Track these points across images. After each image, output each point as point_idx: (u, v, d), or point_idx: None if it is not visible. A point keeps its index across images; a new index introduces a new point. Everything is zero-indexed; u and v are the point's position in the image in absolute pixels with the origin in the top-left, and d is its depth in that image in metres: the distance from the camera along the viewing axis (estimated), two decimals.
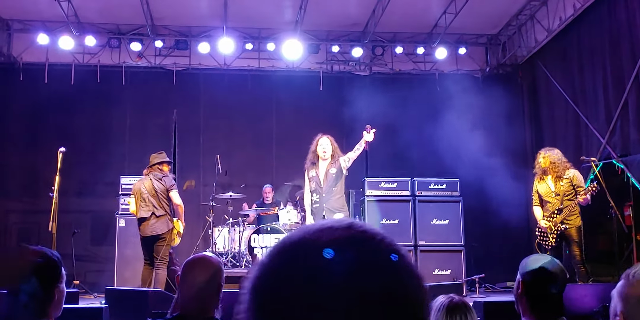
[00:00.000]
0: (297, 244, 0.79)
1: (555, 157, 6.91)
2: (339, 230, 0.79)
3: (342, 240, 0.77)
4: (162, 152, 7.52)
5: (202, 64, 11.26)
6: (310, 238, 0.78)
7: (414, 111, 10.59)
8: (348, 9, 10.41)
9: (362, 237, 0.78)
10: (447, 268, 8.82)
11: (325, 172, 6.90)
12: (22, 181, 10.25)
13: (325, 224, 0.81)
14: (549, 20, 10.16)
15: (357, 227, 0.80)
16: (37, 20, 10.64)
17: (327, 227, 0.80)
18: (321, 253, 0.75)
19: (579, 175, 6.86)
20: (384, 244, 0.79)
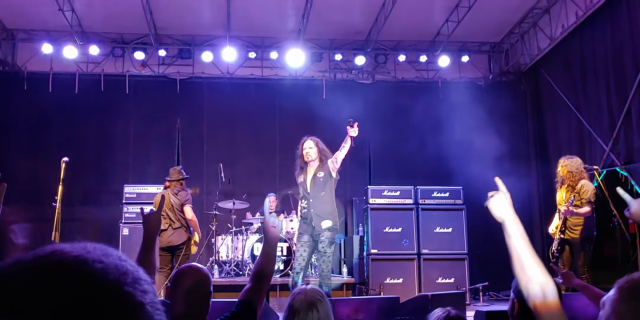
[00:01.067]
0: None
1: (573, 166, 6.92)
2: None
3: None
4: (180, 166, 7.94)
5: (205, 72, 11.30)
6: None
7: (417, 119, 10.59)
8: (351, 18, 10.44)
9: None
10: (450, 276, 8.80)
11: (313, 176, 6.65)
12: (26, 189, 10.25)
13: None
14: (551, 28, 10.16)
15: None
16: (42, 30, 10.71)
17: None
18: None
19: (586, 186, 6.81)
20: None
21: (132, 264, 0.75)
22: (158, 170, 10.84)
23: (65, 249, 0.72)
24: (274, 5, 10.03)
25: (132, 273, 0.72)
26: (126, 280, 0.70)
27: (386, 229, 8.93)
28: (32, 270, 0.67)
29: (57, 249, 0.71)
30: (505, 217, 2.26)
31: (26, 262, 0.69)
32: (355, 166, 11.25)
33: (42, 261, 0.69)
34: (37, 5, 9.64)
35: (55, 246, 0.72)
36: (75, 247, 0.72)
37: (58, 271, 0.67)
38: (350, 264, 9.66)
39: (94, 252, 0.72)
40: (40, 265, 0.68)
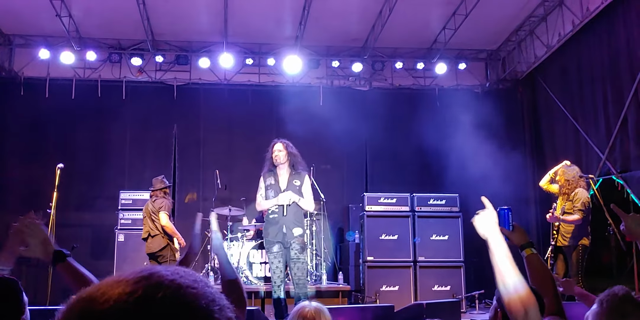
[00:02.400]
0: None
1: (570, 174, 7.00)
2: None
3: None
4: (163, 175, 8.10)
5: (202, 78, 11.30)
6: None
7: (413, 126, 10.60)
8: (348, 25, 10.46)
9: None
10: (446, 284, 8.78)
11: (288, 182, 6.55)
12: (21, 195, 10.23)
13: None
14: (548, 36, 10.19)
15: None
16: (39, 36, 10.70)
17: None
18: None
19: (579, 194, 6.86)
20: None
21: (216, 290, 0.80)
22: (154, 176, 10.74)
23: (162, 271, 0.77)
24: (272, 11, 10.04)
25: (219, 300, 0.78)
26: (214, 307, 0.76)
27: (382, 236, 8.92)
28: (135, 293, 0.73)
29: (154, 272, 0.77)
30: (489, 235, 2.28)
31: (128, 283, 0.75)
32: (351, 173, 11.26)
33: (143, 284, 0.75)
34: (35, 10, 9.63)
35: (151, 268, 0.78)
36: (169, 271, 0.78)
37: (157, 295, 0.73)
38: (346, 271, 9.64)
39: (186, 277, 0.78)
40: (142, 286, 0.74)
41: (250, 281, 8.86)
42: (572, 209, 6.80)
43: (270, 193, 6.55)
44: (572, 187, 6.92)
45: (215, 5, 9.63)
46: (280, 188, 6.53)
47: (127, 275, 0.77)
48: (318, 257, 9.52)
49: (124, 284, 0.75)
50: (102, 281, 0.78)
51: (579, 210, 6.77)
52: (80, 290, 0.77)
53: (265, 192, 6.63)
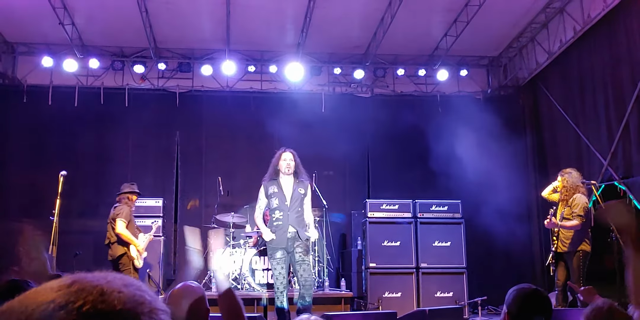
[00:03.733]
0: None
1: (570, 180, 6.99)
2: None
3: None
4: (134, 183, 8.02)
5: (204, 86, 11.33)
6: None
7: (415, 133, 10.62)
8: (350, 32, 10.50)
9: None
10: (449, 290, 8.78)
11: (293, 190, 6.58)
12: (24, 202, 10.25)
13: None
14: (549, 42, 10.22)
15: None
16: (42, 43, 10.75)
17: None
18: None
19: (578, 199, 6.86)
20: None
21: (151, 294, 0.78)
22: (157, 183, 10.86)
23: (87, 278, 0.76)
24: (274, 19, 10.09)
25: (149, 303, 0.76)
26: (143, 310, 0.74)
27: (385, 243, 8.93)
28: (54, 302, 0.72)
29: (77, 279, 0.75)
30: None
31: (47, 292, 0.73)
32: (353, 180, 11.27)
33: (64, 292, 0.73)
34: (38, 19, 9.69)
35: (75, 276, 0.76)
36: (95, 277, 0.76)
37: (77, 302, 0.71)
38: (348, 277, 9.63)
39: (113, 282, 0.76)
40: (62, 294, 0.73)
41: (252, 288, 8.85)
42: (571, 215, 6.80)
43: (274, 201, 6.53)
44: (571, 193, 6.93)
45: (217, 12, 9.68)
46: (285, 196, 6.52)
47: (51, 284, 0.76)
48: (320, 264, 9.52)
49: (45, 293, 0.74)
50: (29, 291, 0.76)
51: (577, 216, 6.77)
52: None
53: (269, 201, 6.63)
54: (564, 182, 7.01)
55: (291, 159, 6.65)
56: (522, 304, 2.55)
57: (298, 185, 6.61)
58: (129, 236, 7.53)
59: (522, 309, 2.53)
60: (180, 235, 10.80)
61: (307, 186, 6.70)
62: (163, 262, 9.29)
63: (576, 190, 6.94)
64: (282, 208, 6.49)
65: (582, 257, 6.73)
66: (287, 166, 6.60)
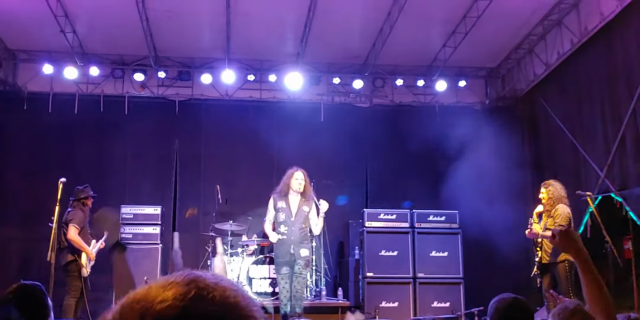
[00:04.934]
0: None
1: (553, 191, 7.02)
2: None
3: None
4: (87, 186, 7.70)
5: (204, 94, 11.38)
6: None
7: (414, 143, 10.65)
8: (349, 42, 10.57)
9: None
10: (445, 300, 8.80)
11: (298, 207, 7.10)
12: (23, 209, 10.26)
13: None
14: (547, 54, 10.29)
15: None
16: (43, 51, 10.81)
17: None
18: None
19: (560, 210, 6.89)
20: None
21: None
22: (155, 190, 10.88)
23: (202, 275, 0.86)
24: (274, 28, 10.16)
25: (254, 300, 0.88)
26: (254, 306, 0.86)
27: (382, 252, 8.95)
28: (188, 294, 0.81)
29: (199, 275, 0.86)
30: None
31: (179, 285, 0.83)
32: (351, 189, 11.29)
33: (193, 286, 0.83)
34: (39, 26, 9.74)
35: (195, 273, 0.87)
36: (209, 275, 0.87)
37: (208, 296, 0.82)
38: (345, 286, 9.63)
39: (225, 280, 0.87)
40: (194, 289, 0.82)
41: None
42: (554, 225, 6.82)
43: (281, 215, 7.07)
44: (554, 203, 6.97)
45: (217, 22, 9.74)
46: (291, 212, 7.07)
47: (175, 279, 0.85)
48: (318, 273, 9.53)
49: (175, 286, 0.83)
50: (151, 284, 0.85)
51: (559, 226, 6.75)
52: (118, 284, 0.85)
53: (276, 215, 7.15)
54: (548, 194, 7.04)
55: (302, 179, 7.15)
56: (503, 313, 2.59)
57: (304, 204, 7.14)
58: (81, 243, 7.35)
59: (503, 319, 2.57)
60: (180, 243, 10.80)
61: (312, 203, 7.19)
62: (161, 270, 9.29)
63: (560, 201, 6.98)
64: (287, 223, 7.04)
65: (569, 267, 6.75)
66: (299, 185, 7.11)
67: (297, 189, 7.11)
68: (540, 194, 7.21)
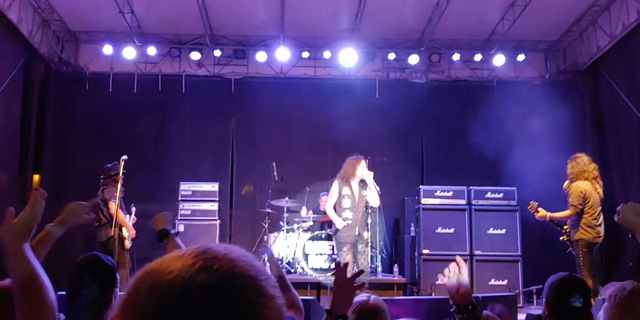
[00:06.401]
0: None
1: (574, 166, 7.14)
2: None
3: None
4: (115, 163, 7.83)
5: (259, 72, 11.45)
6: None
7: (471, 119, 10.46)
8: (404, 17, 10.40)
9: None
10: (503, 278, 8.71)
11: (359, 193, 7.51)
12: (87, 186, 10.57)
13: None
14: (611, 25, 9.90)
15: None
16: (103, 32, 11.05)
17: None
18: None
19: (574, 188, 6.96)
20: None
21: (261, 264, 0.92)
22: (213, 168, 11.07)
23: (215, 247, 0.89)
24: (328, 5, 10.09)
25: (265, 271, 0.90)
26: (262, 276, 0.88)
27: (438, 230, 8.90)
28: (195, 265, 0.85)
29: (208, 248, 0.89)
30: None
31: (188, 257, 0.87)
32: (407, 166, 11.23)
33: (202, 257, 0.87)
34: (99, 8, 9.95)
35: (204, 245, 0.90)
36: (220, 247, 0.90)
37: (214, 266, 0.85)
38: (401, 263, 9.64)
39: (236, 252, 0.90)
40: (201, 259, 0.86)
41: (306, 272, 8.97)
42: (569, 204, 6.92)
43: (346, 201, 7.48)
44: (573, 179, 7.02)
45: None
46: (356, 199, 7.48)
47: (185, 251, 0.89)
48: (373, 250, 9.55)
49: (184, 259, 0.86)
50: (163, 257, 0.89)
51: (571, 206, 6.89)
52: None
53: (340, 199, 7.53)
54: (570, 168, 6.99)
55: (365, 167, 7.55)
56: (558, 290, 2.56)
57: (362, 189, 7.54)
58: (123, 218, 7.72)
59: (559, 296, 2.54)
60: (235, 219, 11.00)
61: (367, 187, 7.54)
62: None
63: (580, 176, 6.94)
64: (352, 209, 7.46)
65: (581, 246, 6.78)
66: (363, 174, 7.47)
67: (361, 177, 7.46)
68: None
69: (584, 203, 6.88)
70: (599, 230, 6.86)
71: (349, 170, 7.51)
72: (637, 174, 7.51)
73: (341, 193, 7.49)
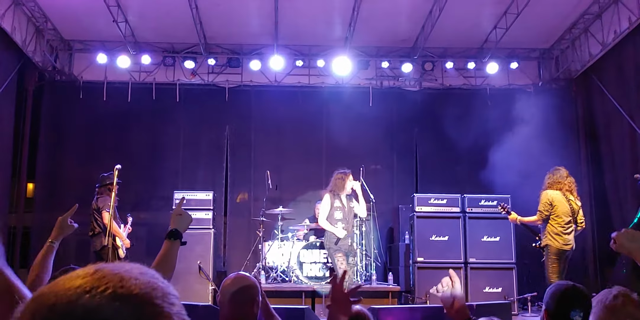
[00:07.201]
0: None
1: (548, 177, 7.35)
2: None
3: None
4: (111, 172, 7.62)
5: (253, 80, 11.47)
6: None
7: (464, 127, 10.51)
8: (397, 25, 10.45)
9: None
10: (498, 286, 8.70)
11: (348, 206, 7.70)
12: (80, 195, 10.55)
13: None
14: (603, 33, 9.96)
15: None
16: (97, 41, 11.06)
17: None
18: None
19: (542, 196, 7.19)
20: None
21: (163, 281, 0.88)
22: (207, 176, 11.07)
23: (108, 267, 0.86)
24: (321, 13, 10.13)
25: (162, 288, 0.85)
26: (157, 294, 0.84)
27: (433, 238, 8.90)
28: (80, 288, 0.81)
29: (99, 268, 0.85)
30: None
31: (73, 279, 0.84)
32: (401, 174, 11.25)
33: (89, 279, 0.83)
34: (93, 17, 9.96)
35: (98, 266, 0.86)
36: (116, 266, 0.86)
37: (99, 288, 0.81)
38: (396, 271, 9.64)
39: (131, 271, 0.86)
40: (87, 281, 0.82)
41: (300, 280, 8.95)
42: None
43: (339, 214, 7.62)
44: (545, 189, 7.24)
45: (265, 8, 9.77)
46: (346, 210, 7.65)
47: (78, 272, 0.85)
48: (368, 258, 9.55)
49: (72, 280, 0.83)
50: (57, 279, 0.86)
51: (538, 211, 7.12)
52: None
53: (332, 211, 7.62)
54: (547, 179, 7.31)
55: (352, 180, 7.71)
56: (559, 300, 2.55)
57: (350, 201, 7.75)
58: (117, 228, 7.66)
59: (560, 306, 2.53)
60: (229, 228, 10.99)
61: (354, 202, 7.79)
62: (213, 254, 9.47)
63: (553, 186, 7.20)
64: (344, 221, 7.61)
65: (550, 253, 6.98)
66: (353, 188, 7.69)
67: (349, 192, 7.69)
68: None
69: (550, 209, 7.08)
70: (566, 238, 7.03)
71: (339, 184, 7.67)
72: (630, 180, 7.54)
73: (333, 206, 7.64)
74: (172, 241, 2.53)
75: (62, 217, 3.02)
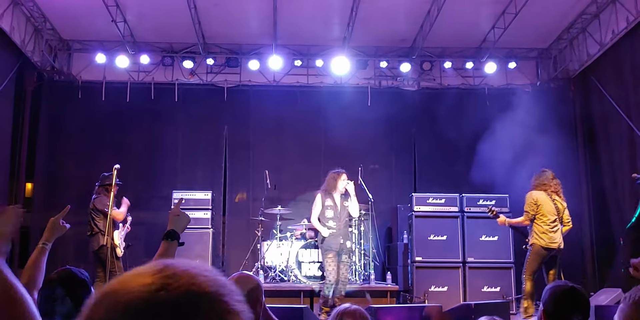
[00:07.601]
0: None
1: (534, 179, 7.47)
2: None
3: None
4: (111, 173, 7.57)
5: (252, 80, 11.48)
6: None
7: (462, 126, 10.53)
8: (396, 25, 10.47)
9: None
10: (496, 285, 8.72)
11: (341, 204, 7.80)
12: (79, 195, 10.55)
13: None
14: (601, 33, 9.98)
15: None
16: (95, 41, 11.06)
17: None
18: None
19: (527, 196, 7.33)
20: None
21: (225, 278, 0.89)
22: (206, 176, 11.07)
23: (175, 264, 0.86)
24: (320, 13, 10.14)
25: (228, 286, 0.87)
26: (224, 291, 0.85)
27: (431, 237, 8.91)
28: (154, 284, 0.82)
29: (168, 265, 0.86)
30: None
31: (144, 276, 0.84)
32: (400, 173, 11.26)
33: (160, 275, 0.84)
34: (92, 17, 9.97)
35: (164, 262, 0.87)
36: (182, 263, 0.87)
37: (172, 284, 0.82)
38: (394, 271, 9.65)
39: (198, 268, 0.87)
40: (159, 277, 0.84)
41: (299, 280, 8.97)
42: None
43: (330, 212, 7.72)
44: (530, 190, 7.36)
45: (264, 8, 9.78)
46: (338, 209, 7.74)
47: (144, 269, 0.86)
48: (366, 257, 9.57)
49: (142, 277, 0.84)
50: (123, 275, 0.87)
51: (524, 212, 7.24)
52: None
53: (323, 210, 7.74)
54: (533, 180, 7.43)
55: (345, 180, 7.77)
56: (558, 302, 2.56)
57: (344, 200, 7.84)
58: (117, 213, 7.65)
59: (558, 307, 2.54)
60: (228, 228, 10.99)
61: (347, 199, 7.85)
62: (212, 253, 9.48)
63: (538, 187, 7.31)
64: (335, 219, 7.70)
65: (533, 252, 7.13)
66: (346, 187, 7.75)
67: (342, 191, 7.76)
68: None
69: (535, 209, 7.17)
70: (552, 236, 7.11)
71: (331, 184, 7.78)
72: (628, 180, 7.56)
73: (324, 204, 7.74)
74: (170, 242, 2.52)
75: (53, 218, 2.95)
